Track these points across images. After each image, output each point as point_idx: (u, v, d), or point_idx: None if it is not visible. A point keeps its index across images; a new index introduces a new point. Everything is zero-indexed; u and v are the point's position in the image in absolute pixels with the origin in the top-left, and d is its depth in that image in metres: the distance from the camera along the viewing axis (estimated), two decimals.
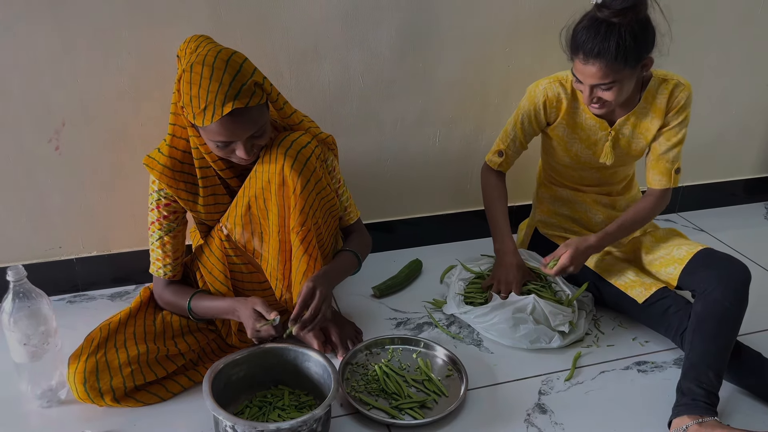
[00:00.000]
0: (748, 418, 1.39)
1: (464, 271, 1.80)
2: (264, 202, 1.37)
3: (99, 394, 1.29)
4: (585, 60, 1.43)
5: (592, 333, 1.66)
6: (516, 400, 1.43)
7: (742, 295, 1.46)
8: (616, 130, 1.62)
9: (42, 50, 1.51)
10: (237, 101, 1.19)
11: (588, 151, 1.66)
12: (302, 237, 1.37)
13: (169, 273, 1.44)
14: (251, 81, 1.22)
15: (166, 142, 1.35)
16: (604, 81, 1.44)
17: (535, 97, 1.64)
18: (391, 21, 1.75)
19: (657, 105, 1.57)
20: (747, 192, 2.46)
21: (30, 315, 1.27)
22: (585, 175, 1.74)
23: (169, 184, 1.35)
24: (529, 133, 1.70)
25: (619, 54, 1.40)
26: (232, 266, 1.47)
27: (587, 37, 1.41)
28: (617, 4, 1.38)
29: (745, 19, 2.11)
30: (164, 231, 1.40)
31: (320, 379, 1.34)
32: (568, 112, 1.63)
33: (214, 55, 1.21)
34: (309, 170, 1.34)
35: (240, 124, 1.23)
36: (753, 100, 2.29)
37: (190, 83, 1.20)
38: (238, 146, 1.27)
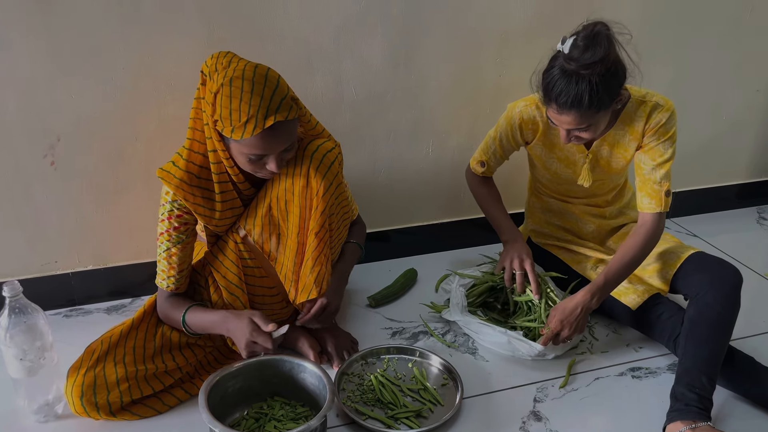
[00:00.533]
0: (741, 423, 1.40)
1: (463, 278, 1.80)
2: (285, 204, 1.40)
3: (95, 408, 1.30)
4: (559, 111, 1.42)
5: (586, 340, 1.67)
6: (511, 407, 1.44)
7: (734, 298, 1.47)
8: (594, 153, 1.62)
9: (37, 67, 1.53)
10: (278, 114, 1.23)
11: (567, 170, 1.67)
12: (320, 238, 1.40)
13: (172, 285, 1.44)
14: (288, 95, 1.26)
15: (182, 156, 1.36)
16: (580, 126, 1.44)
17: (512, 118, 1.64)
18: (382, 34, 1.76)
19: (634, 127, 1.55)
20: (739, 197, 2.47)
21: (26, 330, 1.28)
22: (571, 188, 1.74)
23: (185, 198, 1.35)
24: (508, 150, 1.72)
25: (593, 103, 1.38)
26: (246, 269, 1.48)
27: (560, 89, 1.38)
28: (586, 58, 1.35)
29: (734, 24, 2.14)
30: (173, 242, 1.41)
31: (316, 390, 1.35)
32: (545, 134, 1.63)
33: (252, 70, 1.24)
34: (332, 174, 1.39)
35: (278, 138, 1.26)
36: (743, 106, 2.31)
37: (230, 97, 1.22)
38: (271, 160, 1.30)
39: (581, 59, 1.35)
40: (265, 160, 1.30)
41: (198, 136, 1.36)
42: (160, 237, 1.41)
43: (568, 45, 1.37)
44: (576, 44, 1.36)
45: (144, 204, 1.74)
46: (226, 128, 1.25)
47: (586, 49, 1.35)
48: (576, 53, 1.36)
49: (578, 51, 1.36)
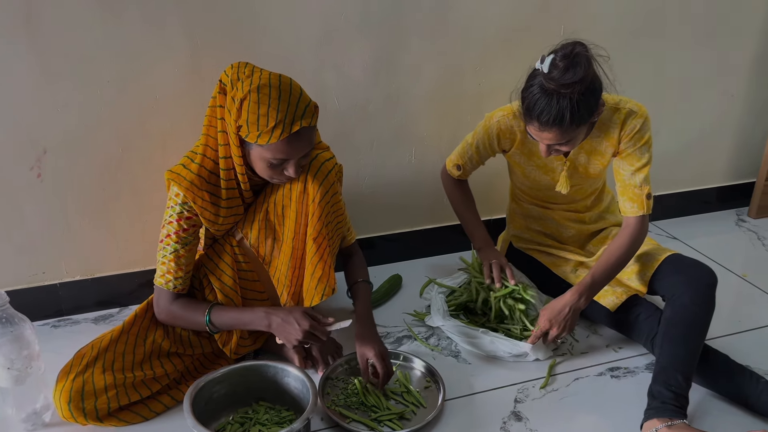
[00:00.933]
0: (718, 421, 1.43)
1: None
2: (282, 209, 1.45)
3: (82, 414, 1.32)
4: (541, 128, 1.44)
5: (567, 341, 1.71)
6: (492, 408, 1.47)
7: (709, 298, 1.51)
8: (571, 160, 1.65)
9: (23, 80, 1.56)
10: (303, 120, 1.30)
11: (546, 177, 1.70)
12: (319, 243, 1.44)
13: (179, 286, 1.47)
14: (312, 103, 1.34)
15: (194, 159, 1.41)
16: (561, 142, 1.47)
17: (489, 128, 1.67)
18: (363, 44, 1.80)
19: (610, 133, 1.58)
20: (719, 199, 2.52)
21: (13, 340, 1.30)
22: (550, 195, 1.77)
23: (194, 200, 1.39)
24: (484, 156, 1.75)
25: (573, 120, 1.41)
26: (239, 272, 1.52)
27: (541, 108, 1.40)
28: (566, 78, 1.36)
29: (708, 30, 2.19)
30: (181, 244, 1.43)
31: (300, 394, 1.37)
32: (523, 142, 1.66)
33: (277, 79, 1.31)
34: (329, 182, 1.43)
35: (302, 143, 1.33)
36: (719, 110, 2.36)
37: (258, 103, 1.28)
38: (290, 165, 1.35)
39: (561, 79, 1.37)
40: (285, 165, 1.36)
41: (211, 141, 1.41)
42: (166, 239, 1.43)
43: (547, 64, 1.39)
44: (555, 64, 1.38)
45: (131, 214, 1.77)
46: (251, 133, 1.30)
47: (567, 70, 1.37)
48: (556, 73, 1.38)
49: (558, 71, 1.37)
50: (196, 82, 1.69)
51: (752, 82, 2.35)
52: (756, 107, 2.40)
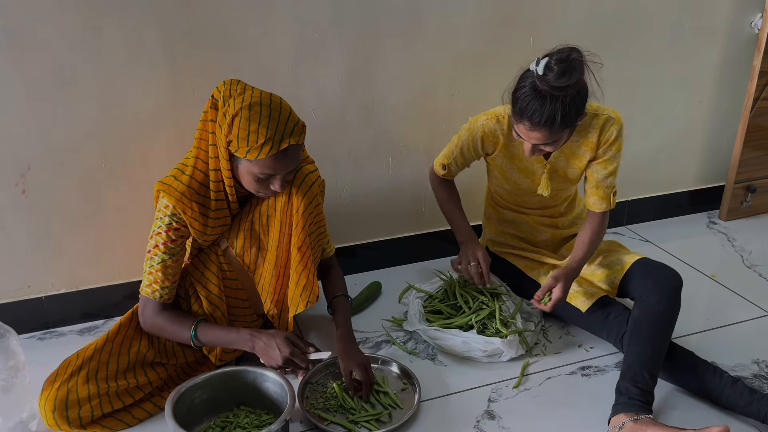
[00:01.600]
0: (684, 415, 1.49)
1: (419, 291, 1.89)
2: (267, 219, 1.51)
3: (66, 422, 1.36)
4: (531, 128, 1.49)
5: (540, 342, 1.76)
6: (466, 408, 1.52)
7: (674, 299, 1.57)
8: (552, 163, 1.72)
9: (7, 98, 1.60)
10: (291, 138, 1.37)
11: (527, 180, 1.76)
12: (303, 252, 1.50)
13: (165, 296, 1.50)
14: (300, 122, 1.40)
15: (184, 171, 1.46)
16: (547, 142, 1.53)
17: (474, 131, 1.73)
18: (338, 58, 1.86)
19: (589, 139, 1.66)
20: (691, 203, 2.59)
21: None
22: (527, 200, 1.84)
23: (184, 210, 1.44)
24: (469, 159, 1.81)
25: (564, 122, 1.47)
26: (224, 281, 1.57)
27: (532, 109, 1.46)
28: (561, 81, 1.42)
29: (674, 36, 2.26)
30: (168, 254, 1.47)
31: (279, 398, 1.42)
32: (506, 146, 1.72)
33: (268, 98, 1.38)
34: (312, 194, 1.50)
35: (289, 159, 1.39)
36: (688, 116, 2.44)
37: (249, 120, 1.34)
38: (276, 180, 1.42)
39: (556, 82, 1.42)
40: (271, 180, 1.42)
41: (202, 154, 1.46)
42: (153, 249, 1.47)
43: (542, 66, 1.44)
44: (550, 67, 1.44)
45: (114, 227, 1.81)
46: (241, 149, 1.36)
47: (563, 74, 1.42)
48: (551, 76, 1.43)
49: (553, 75, 1.43)
50: (176, 99, 1.74)
51: (719, 88, 2.42)
52: (722, 112, 2.48)
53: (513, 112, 1.53)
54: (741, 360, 1.67)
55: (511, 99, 1.54)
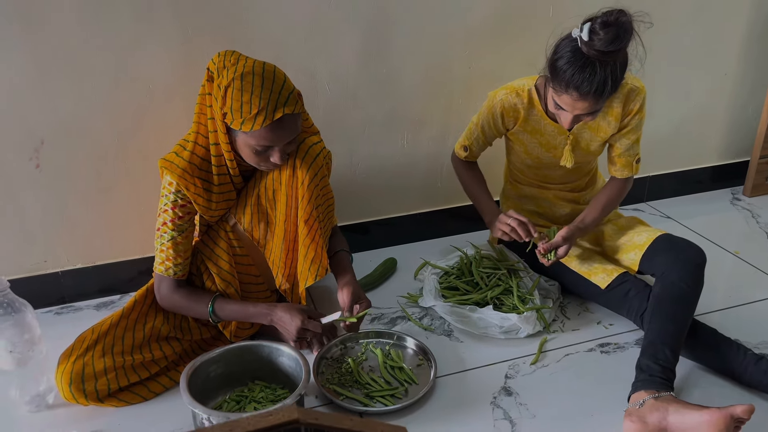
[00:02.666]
0: (705, 393, 1.46)
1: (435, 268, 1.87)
2: (273, 193, 1.48)
3: (83, 395, 1.36)
4: (579, 98, 1.44)
5: (558, 319, 1.73)
6: (483, 384, 1.50)
7: (697, 276, 1.54)
8: (575, 134, 1.68)
9: (18, 73, 1.59)
10: (286, 107, 1.32)
11: (548, 154, 1.73)
12: (310, 225, 1.47)
13: (179, 272, 1.50)
14: (295, 91, 1.35)
15: (186, 147, 1.44)
16: (592, 111, 1.49)
17: (493, 107, 1.69)
18: (352, 30, 1.83)
19: (613, 108, 1.62)
20: (713, 179, 2.53)
21: (14, 324, 1.34)
22: (548, 174, 1.80)
23: (187, 187, 1.43)
24: (490, 136, 1.77)
25: (613, 89, 1.43)
26: (235, 257, 1.55)
27: (581, 78, 1.40)
28: (612, 46, 1.36)
29: (699, 8, 2.19)
30: (177, 231, 1.47)
31: (293, 372, 1.41)
32: (526, 120, 1.69)
33: (261, 66, 1.33)
34: (317, 165, 1.46)
35: (284, 130, 1.35)
36: (711, 89, 2.37)
37: (242, 91, 1.31)
38: (275, 152, 1.38)
39: (607, 47, 1.36)
40: (270, 152, 1.38)
41: (202, 129, 1.44)
42: (162, 227, 1.47)
43: (586, 32, 1.38)
44: (596, 31, 1.37)
45: (128, 202, 1.80)
46: (235, 120, 1.33)
47: (615, 38, 1.36)
48: (599, 41, 1.36)
49: (601, 39, 1.36)
50: (189, 72, 1.71)
51: (744, 59, 2.35)
52: (748, 85, 2.40)
53: (555, 83, 1.47)
54: (765, 337, 1.64)
55: (550, 69, 1.48)
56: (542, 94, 1.66)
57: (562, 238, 1.63)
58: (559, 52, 1.46)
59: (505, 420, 1.39)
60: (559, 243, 1.63)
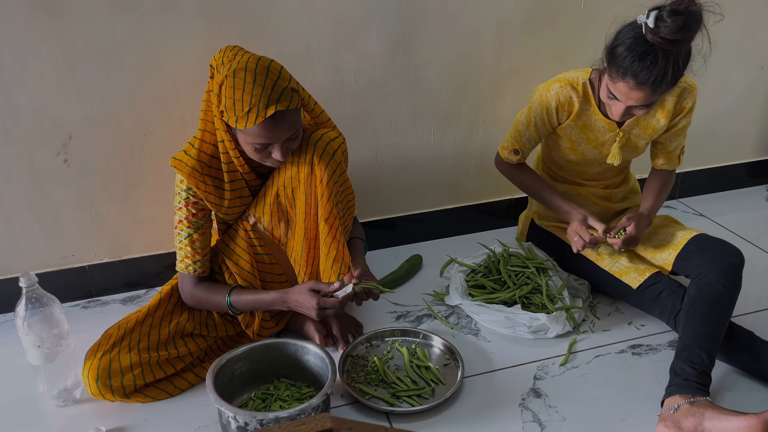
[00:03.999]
0: (741, 397, 1.42)
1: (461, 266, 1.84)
2: (292, 191, 1.46)
3: (110, 391, 1.36)
4: (635, 87, 1.40)
5: (588, 319, 1.70)
6: (511, 385, 1.47)
7: (735, 278, 1.49)
8: (625, 132, 1.63)
9: (46, 68, 1.59)
10: (279, 104, 1.28)
11: (594, 151, 1.68)
12: (330, 224, 1.45)
13: (199, 269, 1.50)
14: (290, 86, 1.32)
15: (194, 145, 1.43)
16: (646, 103, 1.44)
17: (547, 100, 1.64)
18: (379, 23, 1.80)
19: (665, 106, 1.58)
20: (749, 175, 2.46)
21: (43, 319, 1.35)
22: (586, 170, 1.76)
23: (197, 185, 1.42)
24: (543, 133, 1.71)
25: (673, 81, 1.39)
26: (256, 256, 1.54)
27: (640, 65, 1.36)
28: (679, 35, 1.32)
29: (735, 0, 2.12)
30: (193, 228, 1.47)
31: (320, 371, 1.40)
32: (579, 115, 1.64)
33: (255, 62, 1.30)
34: (335, 162, 1.43)
35: (280, 126, 1.31)
36: (748, 83, 2.30)
37: (234, 88, 1.28)
38: (275, 148, 1.35)
39: (674, 35, 1.32)
40: (270, 149, 1.36)
41: (209, 127, 1.42)
42: (179, 225, 1.47)
43: (653, 19, 1.34)
44: (663, 18, 1.33)
45: (155, 197, 1.80)
46: (231, 118, 1.31)
47: (682, 26, 1.31)
48: (665, 29, 1.32)
49: (668, 27, 1.32)
50: None
51: None
52: None
53: (612, 70, 1.42)
54: None
55: (608, 56, 1.44)
56: (596, 88, 1.62)
57: (627, 218, 1.60)
58: (619, 38, 1.41)
59: (534, 422, 1.36)
60: (625, 223, 1.59)
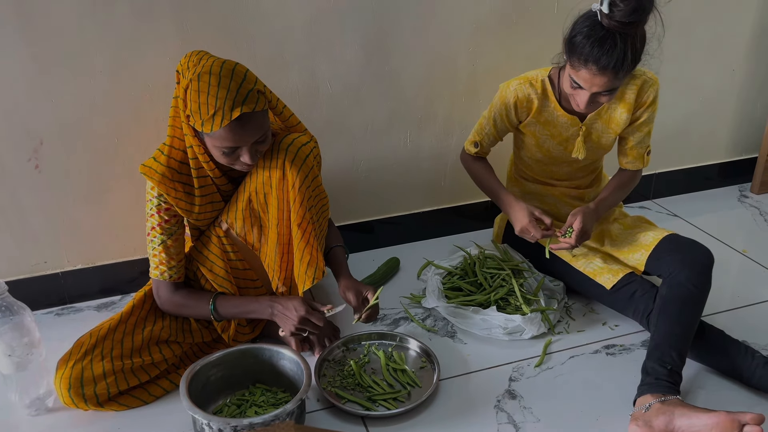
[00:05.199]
0: (713, 396, 1.44)
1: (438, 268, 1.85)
2: (264, 196, 1.44)
3: (83, 400, 1.35)
4: (597, 72, 1.42)
5: (563, 320, 1.71)
6: (487, 387, 1.48)
7: (705, 277, 1.51)
8: (587, 125, 1.65)
9: (17, 73, 1.57)
10: (244, 106, 1.27)
11: (560, 147, 1.70)
12: (303, 229, 1.44)
13: (174, 276, 1.49)
14: (255, 88, 1.31)
15: (163, 152, 1.42)
16: (610, 89, 1.46)
17: (506, 97, 1.66)
18: (353, 27, 1.80)
19: (626, 99, 1.60)
20: (721, 175, 2.50)
21: (13, 327, 1.33)
22: (555, 170, 1.78)
23: (167, 192, 1.41)
24: (502, 130, 1.74)
25: (633, 62, 1.41)
26: (230, 262, 1.53)
27: (600, 51, 1.38)
28: (633, 17, 1.35)
29: (707, 4, 2.15)
30: (166, 235, 1.45)
31: (295, 376, 1.40)
32: (539, 111, 1.66)
33: (219, 65, 1.29)
34: (307, 167, 1.42)
35: (246, 129, 1.30)
36: (719, 85, 2.33)
37: (198, 92, 1.28)
38: (244, 152, 1.34)
39: (628, 18, 1.34)
40: (238, 152, 1.35)
41: (177, 133, 1.41)
42: (151, 232, 1.45)
43: (606, 4, 1.36)
44: (615, 3, 1.35)
45: (129, 203, 1.78)
46: (197, 122, 1.30)
47: (635, 9, 1.34)
48: (619, 12, 1.35)
49: (621, 10, 1.34)
50: None
51: (753, 55, 2.31)
52: (757, 81, 2.37)
53: (573, 59, 1.45)
54: None
55: (568, 46, 1.46)
56: (556, 84, 1.64)
57: (572, 215, 1.61)
58: (576, 28, 1.44)
59: (509, 424, 1.37)
60: (570, 221, 1.61)
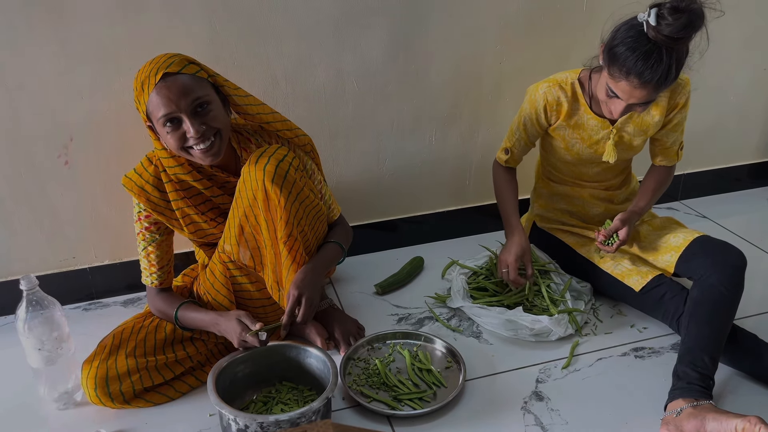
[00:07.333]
0: (744, 400, 1.41)
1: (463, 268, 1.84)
2: (255, 218, 1.42)
3: (109, 398, 1.36)
4: (639, 85, 1.38)
5: (590, 322, 1.69)
6: (513, 388, 1.46)
7: (737, 280, 1.48)
8: (618, 129, 1.63)
9: (47, 71, 1.59)
10: (168, 68, 1.29)
11: (590, 150, 1.67)
12: (290, 247, 1.42)
13: (156, 281, 1.50)
14: (185, 58, 1.33)
15: (143, 164, 1.44)
16: (648, 101, 1.44)
17: (536, 101, 1.64)
18: (380, 25, 1.79)
19: (658, 102, 1.57)
20: (751, 177, 2.45)
21: (43, 322, 1.34)
22: (585, 171, 1.75)
23: (147, 205, 1.43)
24: (533, 134, 1.71)
25: (675, 78, 1.39)
26: (239, 287, 1.52)
27: (644, 65, 1.35)
28: (682, 32, 1.32)
29: (739, 1, 2.11)
30: (147, 242, 1.48)
31: (321, 374, 1.39)
32: (569, 114, 1.63)
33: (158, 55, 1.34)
34: (290, 182, 1.38)
35: (173, 91, 1.28)
36: (751, 85, 2.29)
37: (138, 78, 1.31)
38: (185, 123, 1.30)
39: (678, 33, 1.32)
40: (182, 128, 1.30)
41: (159, 144, 1.41)
42: (137, 237, 1.49)
43: (654, 16, 1.33)
44: (663, 16, 1.32)
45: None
46: (139, 107, 1.32)
47: (687, 24, 1.31)
48: (668, 27, 1.31)
49: (671, 25, 1.31)
50: (216, 65, 1.67)
51: None
52: None
53: (613, 68, 1.41)
54: None
55: (609, 55, 1.42)
56: (586, 87, 1.61)
57: (620, 220, 1.60)
58: (618, 37, 1.40)
59: (536, 426, 1.36)
60: (618, 226, 1.59)
